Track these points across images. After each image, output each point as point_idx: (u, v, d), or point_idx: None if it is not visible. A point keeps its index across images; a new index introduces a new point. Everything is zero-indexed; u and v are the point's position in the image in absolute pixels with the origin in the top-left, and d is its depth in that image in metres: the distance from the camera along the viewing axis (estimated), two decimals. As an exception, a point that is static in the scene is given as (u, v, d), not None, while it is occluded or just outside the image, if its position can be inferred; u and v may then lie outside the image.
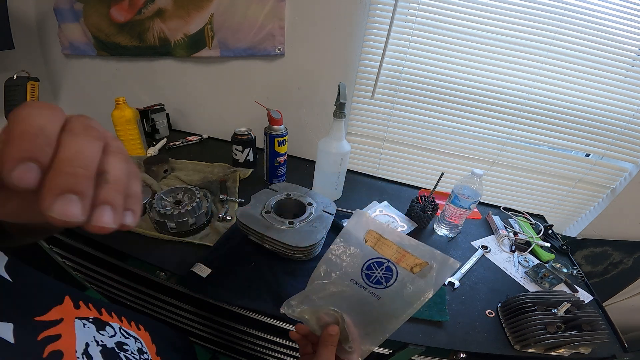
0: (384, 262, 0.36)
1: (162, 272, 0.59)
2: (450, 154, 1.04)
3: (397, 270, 0.35)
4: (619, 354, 0.55)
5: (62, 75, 1.24)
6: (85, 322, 0.27)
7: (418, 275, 0.34)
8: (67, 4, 1.03)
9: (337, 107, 0.71)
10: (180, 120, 1.21)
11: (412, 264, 0.35)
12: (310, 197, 0.70)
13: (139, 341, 0.34)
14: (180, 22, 0.97)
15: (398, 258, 0.35)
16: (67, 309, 0.26)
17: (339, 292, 0.36)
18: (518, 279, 0.69)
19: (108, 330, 0.29)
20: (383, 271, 0.35)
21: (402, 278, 0.35)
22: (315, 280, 0.38)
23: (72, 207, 0.14)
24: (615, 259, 1.09)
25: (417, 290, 0.34)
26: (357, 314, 0.35)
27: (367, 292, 0.35)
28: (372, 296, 0.35)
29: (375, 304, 0.35)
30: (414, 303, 0.34)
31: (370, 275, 0.36)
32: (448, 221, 0.77)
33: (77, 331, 0.25)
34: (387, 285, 0.35)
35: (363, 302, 0.35)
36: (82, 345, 0.24)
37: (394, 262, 0.35)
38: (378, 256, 0.36)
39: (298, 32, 0.92)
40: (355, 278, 0.36)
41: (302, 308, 0.37)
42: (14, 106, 0.66)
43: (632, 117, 0.87)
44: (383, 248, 0.36)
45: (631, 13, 0.77)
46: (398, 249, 0.35)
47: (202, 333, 0.77)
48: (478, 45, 0.85)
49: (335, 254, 0.37)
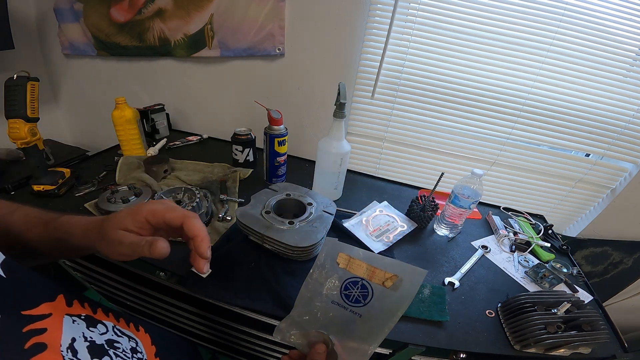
0: (358, 280, 0.37)
1: (162, 272, 0.59)
2: (450, 154, 1.04)
3: (371, 287, 0.37)
4: (619, 354, 0.55)
5: (62, 75, 1.24)
6: (76, 318, 0.27)
7: (391, 289, 0.36)
8: (67, 4, 1.03)
9: (337, 107, 0.71)
10: (180, 120, 1.21)
11: (383, 278, 0.36)
12: (310, 197, 0.70)
13: (134, 341, 0.33)
14: (180, 22, 0.97)
15: (370, 275, 0.37)
16: (58, 305, 0.26)
17: (323, 314, 0.38)
18: (518, 279, 0.69)
19: (99, 328, 0.29)
20: (359, 289, 0.37)
21: (378, 294, 0.36)
22: (300, 305, 0.40)
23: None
24: (615, 259, 1.09)
25: (394, 302, 0.35)
26: (343, 334, 0.37)
27: (349, 311, 0.37)
28: (354, 315, 0.37)
29: (358, 322, 0.36)
30: (393, 316, 0.35)
31: (349, 295, 0.37)
32: (448, 221, 0.77)
33: (65, 326, 0.25)
34: (365, 302, 0.36)
35: (346, 322, 0.37)
36: (68, 339, 0.25)
37: (367, 280, 0.37)
38: (352, 276, 0.37)
39: (298, 32, 0.92)
40: (336, 300, 0.38)
41: (291, 332, 0.39)
42: (14, 106, 0.66)
43: (632, 117, 0.87)
44: (354, 268, 0.37)
45: (631, 13, 0.77)
46: (368, 266, 0.37)
47: (202, 333, 0.77)
48: (478, 45, 0.85)
49: (314, 279, 0.39)
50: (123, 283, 0.71)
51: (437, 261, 0.71)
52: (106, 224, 0.33)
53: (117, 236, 0.32)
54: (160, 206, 0.34)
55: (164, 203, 0.35)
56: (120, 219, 0.33)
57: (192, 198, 0.68)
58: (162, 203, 0.35)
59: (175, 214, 0.33)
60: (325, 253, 0.39)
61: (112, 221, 0.33)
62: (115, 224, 0.33)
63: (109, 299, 0.88)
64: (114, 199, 0.68)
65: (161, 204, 0.34)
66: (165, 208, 0.34)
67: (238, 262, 0.61)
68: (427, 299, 0.59)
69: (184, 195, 0.70)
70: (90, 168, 0.88)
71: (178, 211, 0.34)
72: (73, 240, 0.34)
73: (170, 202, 0.36)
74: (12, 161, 0.92)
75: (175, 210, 0.34)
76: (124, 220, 0.33)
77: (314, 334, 0.38)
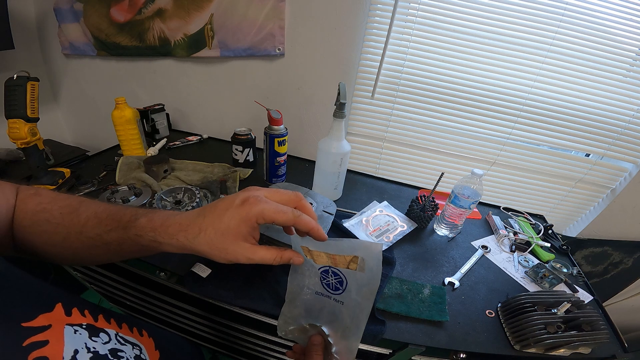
0: (327, 269, 0.36)
1: (162, 272, 0.59)
2: (450, 154, 1.04)
3: (341, 272, 0.36)
4: (619, 354, 0.55)
5: (62, 75, 1.24)
6: (77, 328, 0.26)
7: (359, 270, 0.34)
8: (67, 4, 1.03)
9: (337, 107, 0.71)
10: (180, 120, 1.21)
11: (345, 262, 0.35)
12: (310, 197, 0.70)
13: (138, 347, 0.33)
14: (180, 22, 0.97)
15: (333, 262, 0.35)
16: (57, 316, 0.25)
17: (311, 306, 0.38)
18: (518, 279, 0.69)
19: (102, 337, 0.28)
20: (333, 277, 0.36)
21: (350, 278, 0.35)
22: (289, 300, 0.40)
23: None
24: (615, 259, 1.09)
25: (365, 284, 0.34)
26: (333, 323, 0.37)
27: (332, 300, 0.37)
28: (337, 303, 0.36)
29: (342, 309, 0.36)
30: (370, 297, 0.34)
31: (329, 283, 0.37)
32: (448, 221, 0.77)
33: (67, 338, 0.24)
34: (343, 288, 0.36)
35: (332, 311, 0.37)
36: (70, 352, 0.24)
37: (334, 267, 0.36)
38: (321, 265, 0.37)
39: (298, 32, 0.92)
40: (319, 290, 0.38)
41: (289, 328, 0.39)
42: (14, 106, 0.66)
43: (632, 117, 0.87)
44: (317, 258, 0.36)
45: (631, 13, 0.77)
46: (327, 255, 0.36)
47: (202, 333, 0.77)
48: (478, 45, 0.85)
49: (298, 272, 0.39)
50: (123, 283, 0.71)
51: (437, 261, 0.71)
52: (222, 232, 0.30)
53: (242, 250, 0.31)
54: (268, 207, 0.30)
55: (269, 202, 0.31)
56: (235, 229, 0.30)
57: (192, 198, 0.68)
58: (267, 202, 0.31)
59: (285, 217, 0.31)
60: (295, 247, 0.38)
61: (228, 231, 0.30)
62: (234, 235, 0.30)
63: (109, 299, 0.88)
64: (114, 199, 0.68)
65: (267, 203, 0.31)
66: (275, 210, 0.30)
67: (238, 262, 0.61)
68: (427, 299, 0.59)
69: (184, 195, 0.70)
70: (90, 168, 0.88)
71: (288, 213, 0.31)
72: (161, 248, 0.32)
73: (273, 200, 0.32)
74: (12, 161, 0.92)
75: (285, 212, 0.31)
76: (240, 230, 0.30)
77: (309, 328, 0.38)
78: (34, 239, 0.33)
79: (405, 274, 0.66)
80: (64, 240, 0.33)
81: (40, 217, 0.33)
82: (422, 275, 0.66)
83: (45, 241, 0.33)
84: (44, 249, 0.34)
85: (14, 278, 0.25)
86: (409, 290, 0.61)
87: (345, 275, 0.35)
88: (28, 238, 0.33)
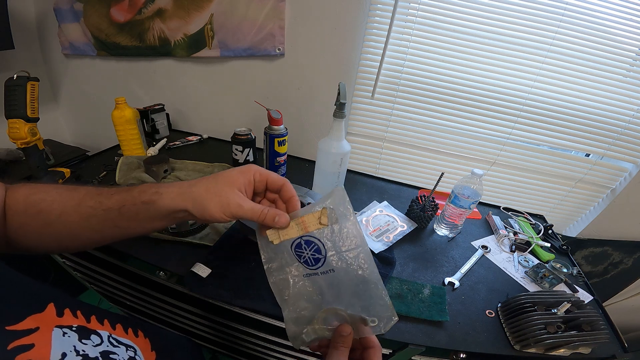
0: (299, 241, 0.33)
1: (162, 272, 0.59)
2: (450, 154, 1.04)
3: (314, 237, 0.33)
4: (619, 354, 0.55)
5: (62, 75, 1.24)
6: (67, 330, 0.26)
7: (331, 224, 0.32)
8: (67, 4, 1.03)
9: (337, 107, 0.71)
10: (180, 120, 1.21)
11: (316, 221, 0.32)
12: (310, 197, 0.70)
13: (132, 349, 0.32)
14: (180, 22, 0.97)
15: (304, 227, 0.33)
16: (47, 317, 0.25)
17: (309, 294, 0.34)
18: (518, 279, 0.69)
19: (93, 339, 0.28)
20: (309, 248, 0.33)
21: (326, 238, 0.33)
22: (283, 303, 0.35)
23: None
24: (615, 259, 1.09)
25: (345, 235, 0.32)
26: (342, 296, 0.33)
27: (322, 274, 0.33)
28: (329, 274, 0.33)
29: (339, 277, 0.33)
30: (359, 246, 0.32)
31: (308, 260, 0.33)
32: (448, 221, 0.77)
33: (54, 340, 0.24)
34: (326, 255, 0.33)
35: (331, 284, 0.33)
36: (58, 355, 0.23)
37: (306, 234, 0.33)
38: (292, 240, 0.33)
39: (298, 32, 0.92)
40: (304, 272, 0.34)
41: (304, 332, 0.34)
42: (14, 106, 0.66)
43: (632, 117, 0.87)
44: (287, 233, 0.33)
45: (631, 13, 0.77)
46: (296, 222, 0.33)
47: (202, 333, 0.77)
48: (478, 45, 0.85)
49: (270, 271, 0.35)
50: (123, 283, 0.71)
51: (437, 261, 0.71)
52: (221, 180, 0.33)
53: (235, 197, 0.32)
54: (264, 169, 0.36)
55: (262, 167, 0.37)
56: (234, 178, 0.33)
57: (192, 198, 0.68)
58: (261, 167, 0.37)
59: (277, 177, 0.36)
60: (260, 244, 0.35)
61: (226, 179, 0.33)
62: (230, 182, 0.33)
63: (109, 299, 0.88)
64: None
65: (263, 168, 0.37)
66: (269, 171, 0.36)
67: (238, 262, 0.61)
68: (427, 299, 0.59)
69: (184, 195, 0.70)
70: (90, 168, 0.88)
71: (280, 177, 0.37)
72: (161, 201, 0.33)
73: None
74: (12, 161, 0.92)
75: (277, 176, 0.37)
76: (238, 179, 0.33)
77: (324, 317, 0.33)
78: (29, 221, 0.33)
79: (405, 274, 0.66)
80: (60, 215, 0.33)
81: (35, 198, 0.34)
82: (422, 275, 0.66)
83: (40, 221, 0.33)
84: (38, 231, 0.34)
85: (6, 278, 0.25)
86: (409, 290, 0.61)
87: (319, 239, 0.33)
88: (23, 222, 0.33)
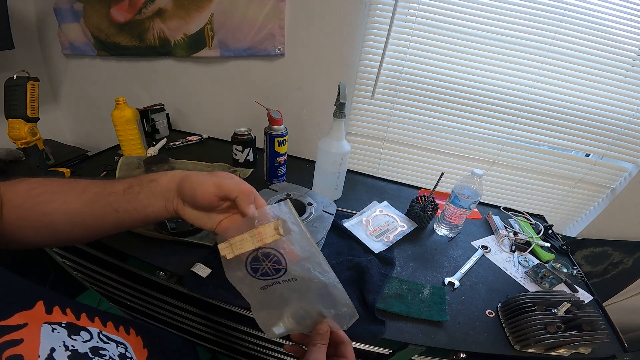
0: (255, 254, 0.33)
1: (162, 272, 0.59)
2: (450, 154, 1.04)
3: (273, 248, 0.32)
4: (619, 354, 0.55)
5: (62, 75, 1.24)
6: (56, 326, 0.26)
7: (286, 236, 0.32)
8: (67, 4, 1.03)
9: (337, 107, 0.71)
10: (180, 120, 1.21)
11: (272, 232, 0.31)
12: (310, 197, 0.70)
13: (123, 346, 0.32)
14: (180, 22, 0.97)
15: (260, 239, 0.32)
16: (36, 314, 0.25)
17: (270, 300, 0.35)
18: (518, 279, 0.69)
19: (83, 335, 0.28)
20: (267, 260, 0.33)
21: (284, 247, 0.32)
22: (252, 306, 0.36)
23: None
24: (615, 259, 1.09)
25: (299, 244, 0.33)
26: (302, 299, 0.34)
27: (284, 282, 0.33)
28: (291, 282, 0.33)
29: (303, 285, 0.33)
30: (314, 254, 0.33)
31: (266, 272, 0.33)
32: (448, 221, 0.77)
33: (43, 336, 0.24)
34: (285, 265, 0.33)
35: (294, 290, 0.34)
36: (47, 350, 0.24)
37: (263, 246, 0.32)
38: (247, 254, 0.33)
39: (298, 32, 0.92)
40: (260, 285, 0.34)
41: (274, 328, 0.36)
42: (14, 106, 0.66)
43: (632, 117, 0.87)
44: (242, 246, 0.32)
45: (631, 13, 0.77)
46: (250, 234, 0.32)
47: (202, 333, 0.77)
48: (478, 45, 0.85)
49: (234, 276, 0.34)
50: (123, 283, 0.71)
51: (437, 261, 0.71)
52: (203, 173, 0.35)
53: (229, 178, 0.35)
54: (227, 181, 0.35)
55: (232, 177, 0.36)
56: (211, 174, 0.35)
57: (192, 198, 0.68)
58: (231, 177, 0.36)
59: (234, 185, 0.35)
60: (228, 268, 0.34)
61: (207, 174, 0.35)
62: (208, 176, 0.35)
63: (109, 299, 0.88)
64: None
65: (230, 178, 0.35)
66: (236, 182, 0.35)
67: (238, 262, 0.61)
68: (427, 299, 0.59)
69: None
70: (90, 168, 0.88)
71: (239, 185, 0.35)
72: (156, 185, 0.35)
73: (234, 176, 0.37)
74: (12, 161, 0.92)
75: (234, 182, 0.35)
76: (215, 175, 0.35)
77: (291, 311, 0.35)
78: (27, 214, 0.33)
79: (405, 274, 0.66)
80: (61, 204, 0.34)
81: (36, 192, 0.34)
82: (422, 275, 0.66)
83: (38, 213, 0.34)
84: (35, 224, 0.34)
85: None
86: (409, 290, 0.61)
87: (278, 249, 0.32)
88: (21, 215, 0.33)
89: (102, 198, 0.35)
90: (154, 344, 0.38)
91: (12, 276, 0.26)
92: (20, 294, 0.26)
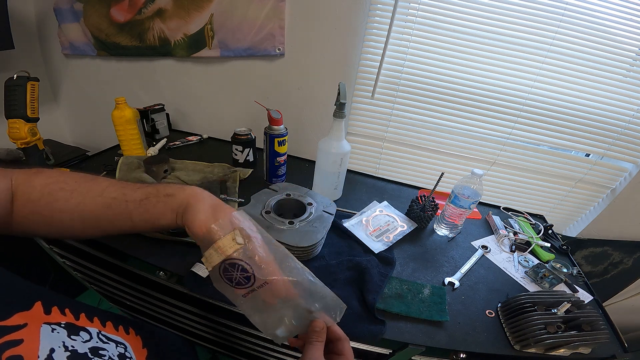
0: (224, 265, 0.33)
1: (162, 272, 0.59)
2: (450, 154, 1.04)
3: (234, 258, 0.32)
4: (619, 354, 0.55)
5: (62, 75, 1.24)
6: (55, 327, 0.26)
7: (245, 243, 0.33)
8: (67, 4, 1.03)
9: (337, 107, 0.71)
10: (180, 120, 1.21)
11: (231, 242, 0.32)
12: (310, 197, 0.70)
13: (123, 346, 0.32)
14: (180, 22, 0.97)
15: (222, 252, 0.32)
16: (35, 314, 0.25)
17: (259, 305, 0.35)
18: (518, 279, 0.69)
19: (82, 335, 0.28)
20: (235, 270, 0.33)
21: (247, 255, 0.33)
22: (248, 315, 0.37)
23: None
24: (615, 259, 1.09)
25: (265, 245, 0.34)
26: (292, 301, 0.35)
27: (258, 288, 0.34)
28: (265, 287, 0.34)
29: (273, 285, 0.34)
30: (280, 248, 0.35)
31: (239, 282, 0.33)
32: (448, 221, 0.77)
33: (43, 336, 0.24)
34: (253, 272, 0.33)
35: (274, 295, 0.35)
36: (46, 350, 0.24)
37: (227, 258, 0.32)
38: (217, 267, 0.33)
39: (298, 32, 0.92)
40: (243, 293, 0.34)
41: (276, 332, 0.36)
42: (14, 106, 0.66)
43: (632, 117, 0.87)
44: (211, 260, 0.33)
45: (631, 13, 0.77)
46: (213, 248, 0.33)
47: (202, 333, 0.77)
48: (478, 45, 0.85)
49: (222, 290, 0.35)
50: (123, 283, 0.71)
51: (437, 261, 0.71)
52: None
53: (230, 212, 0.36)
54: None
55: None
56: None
57: (192, 198, 0.68)
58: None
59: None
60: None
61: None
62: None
63: (109, 299, 0.88)
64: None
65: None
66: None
67: (238, 262, 0.61)
68: (427, 299, 0.59)
69: (184, 195, 0.70)
70: (90, 168, 0.88)
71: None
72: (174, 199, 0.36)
73: None
74: (12, 161, 0.92)
75: None
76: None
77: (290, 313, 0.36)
78: (41, 210, 0.34)
79: (405, 274, 0.66)
80: (77, 204, 0.35)
81: (53, 188, 0.35)
82: (422, 275, 0.66)
83: (53, 210, 0.34)
84: (49, 220, 0.35)
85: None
86: (409, 290, 0.61)
87: (241, 259, 0.32)
88: (34, 210, 0.34)
89: (119, 204, 0.35)
90: (154, 343, 0.38)
91: (11, 276, 0.26)
92: (19, 294, 0.26)
